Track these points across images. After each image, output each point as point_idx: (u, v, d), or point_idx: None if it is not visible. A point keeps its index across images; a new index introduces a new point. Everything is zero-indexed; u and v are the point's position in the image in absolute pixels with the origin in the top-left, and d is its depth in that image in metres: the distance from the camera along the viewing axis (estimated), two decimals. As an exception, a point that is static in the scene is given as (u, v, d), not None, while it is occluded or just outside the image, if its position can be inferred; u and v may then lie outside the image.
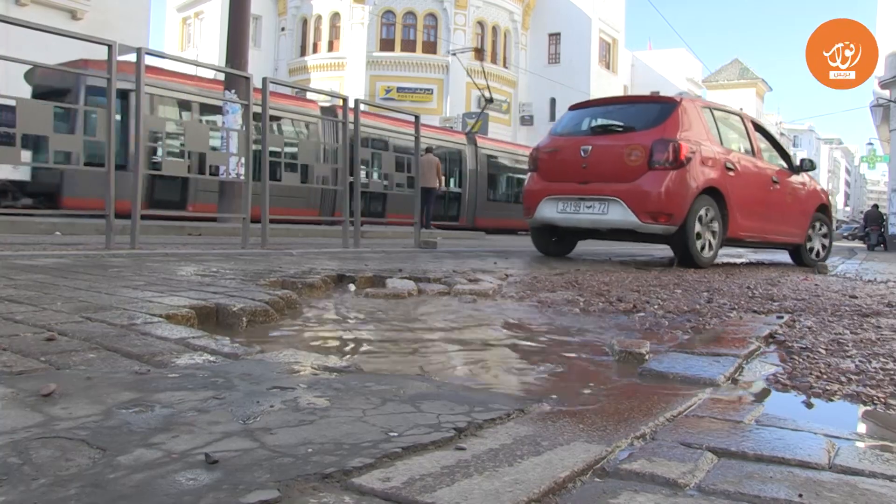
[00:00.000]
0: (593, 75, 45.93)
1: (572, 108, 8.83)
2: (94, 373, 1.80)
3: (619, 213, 7.30)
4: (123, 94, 11.56)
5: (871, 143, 43.59)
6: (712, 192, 7.48)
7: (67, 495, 1.05)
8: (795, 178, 9.16)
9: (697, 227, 7.36)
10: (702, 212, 7.39)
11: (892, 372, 2.24)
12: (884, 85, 28.03)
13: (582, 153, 7.59)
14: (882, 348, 2.67)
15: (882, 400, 1.94)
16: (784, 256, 10.88)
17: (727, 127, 8.39)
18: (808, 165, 9.38)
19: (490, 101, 27.30)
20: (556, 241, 8.68)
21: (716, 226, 7.61)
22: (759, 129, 9.03)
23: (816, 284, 5.74)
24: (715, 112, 8.25)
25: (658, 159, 7.11)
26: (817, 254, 9.81)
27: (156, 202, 14.70)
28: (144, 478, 1.13)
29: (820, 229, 9.79)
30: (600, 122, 8.27)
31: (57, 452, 1.22)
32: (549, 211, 7.93)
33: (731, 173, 7.71)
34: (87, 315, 2.58)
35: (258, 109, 7.73)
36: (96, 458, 1.21)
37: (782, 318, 3.53)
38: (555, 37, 47.10)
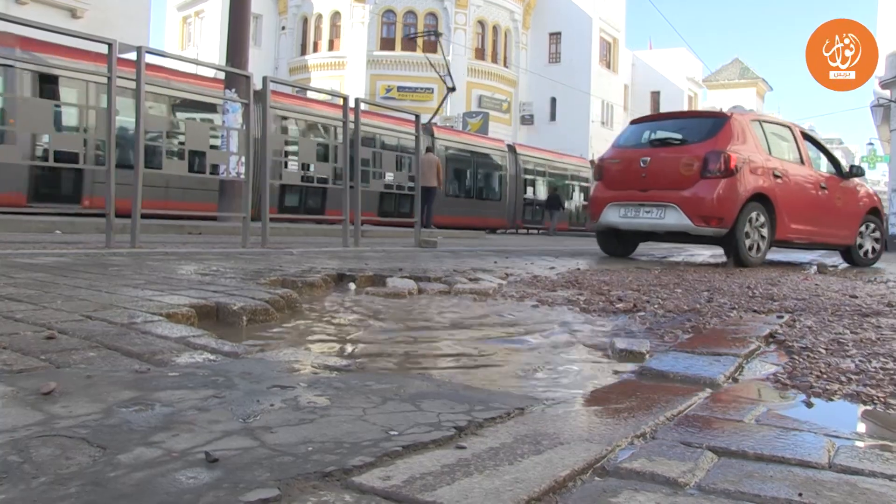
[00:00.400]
0: (594, 75, 45.94)
1: (633, 122, 9.68)
2: (94, 371, 1.81)
3: (674, 218, 8.06)
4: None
5: (871, 144, 43.54)
6: (761, 198, 8.12)
7: (68, 493, 1.05)
8: (845, 184, 9.71)
9: (747, 229, 8.02)
10: (751, 216, 8.05)
11: (892, 371, 2.24)
12: (884, 85, 28.02)
13: (641, 164, 8.37)
14: (882, 348, 2.67)
15: (882, 399, 1.94)
16: (784, 256, 10.89)
17: (777, 138, 9.02)
18: (857, 171, 9.99)
19: (452, 89, 26.64)
20: (619, 243, 9.40)
21: (765, 229, 8.26)
22: (808, 138, 9.65)
23: (817, 284, 5.74)
24: (765, 124, 8.91)
25: (710, 169, 7.84)
26: (866, 254, 10.19)
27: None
28: (145, 476, 1.13)
29: (872, 231, 10.22)
30: (658, 135, 9.01)
31: (57, 451, 1.22)
32: (613, 216, 8.72)
33: (779, 180, 8.36)
34: (87, 313, 2.58)
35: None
36: (96, 456, 1.21)
37: (782, 317, 3.52)
38: (555, 36, 47.09)
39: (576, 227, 32.27)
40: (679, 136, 8.69)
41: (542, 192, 30.76)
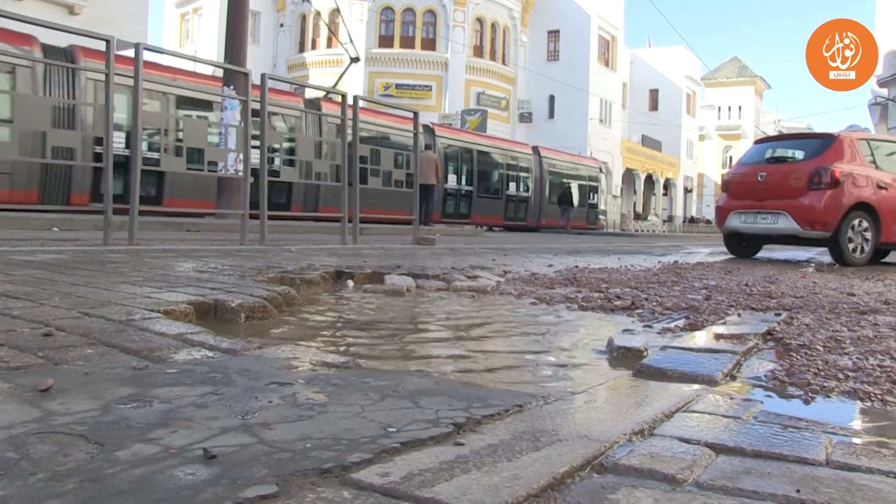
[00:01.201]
0: (592, 73, 45.92)
1: (756, 142, 11.42)
2: (91, 368, 1.80)
3: (785, 223, 9.49)
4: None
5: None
6: (866, 206, 9.28)
7: (65, 490, 1.05)
8: None
9: (850, 234, 9.22)
10: (854, 222, 9.24)
11: (888, 369, 2.24)
12: (882, 83, 28.04)
13: (759, 178, 9.90)
14: (879, 345, 2.67)
15: (879, 396, 1.94)
16: (782, 254, 10.90)
17: (885, 153, 10.19)
18: None
19: (355, 59, 24.86)
20: (744, 245, 10.81)
21: (868, 234, 9.38)
22: None
23: (814, 282, 5.75)
24: (872, 142, 10.18)
25: (816, 181, 9.17)
26: None
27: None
28: (143, 473, 1.13)
29: None
30: (776, 153, 10.53)
31: (55, 447, 1.22)
32: (735, 222, 10.27)
33: (884, 191, 9.46)
34: (85, 310, 2.58)
35: (256, 105, 7.71)
36: (94, 453, 1.21)
37: (780, 315, 3.53)
38: (554, 34, 47.05)
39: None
40: (791, 154, 10.25)
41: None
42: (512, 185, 29.01)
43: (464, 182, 26.54)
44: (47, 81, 13.62)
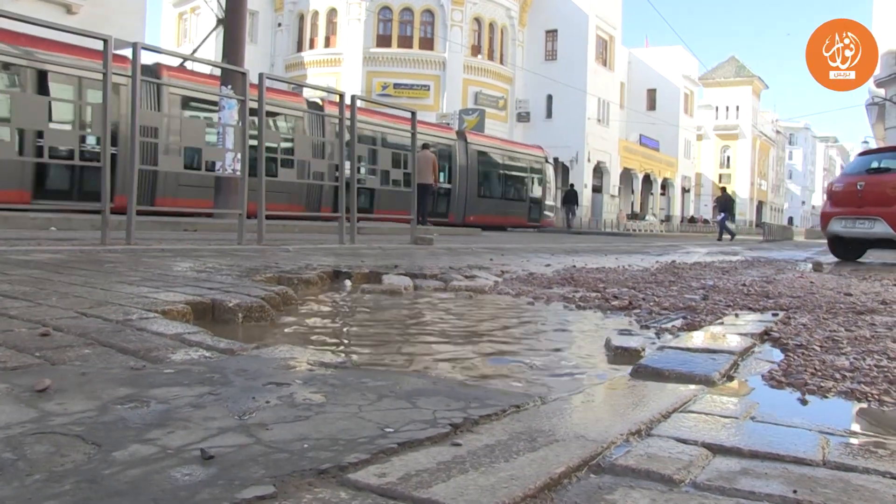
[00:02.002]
0: (590, 72, 45.90)
1: (860, 154, 12.76)
2: (89, 368, 1.80)
3: (880, 228, 10.54)
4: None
5: (866, 142, 43.58)
6: None
7: (62, 491, 1.05)
8: None
9: None
10: None
11: (886, 369, 2.24)
12: (879, 83, 28.05)
13: (858, 187, 10.96)
14: (876, 346, 2.67)
15: (876, 397, 1.95)
16: (780, 254, 10.92)
17: None
18: None
19: (221, 21, 21.77)
20: (848, 249, 11.75)
21: None
22: None
23: (812, 282, 5.75)
24: None
25: None
26: None
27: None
28: (140, 473, 1.13)
29: None
30: (873, 165, 11.50)
31: (52, 448, 1.22)
32: (836, 227, 11.33)
33: None
34: (82, 310, 2.58)
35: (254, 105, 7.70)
36: (91, 453, 1.21)
37: (777, 315, 3.53)
38: (552, 34, 47.02)
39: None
40: (888, 166, 11.23)
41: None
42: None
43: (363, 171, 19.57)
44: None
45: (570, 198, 30.50)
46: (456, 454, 1.27)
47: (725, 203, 27.73)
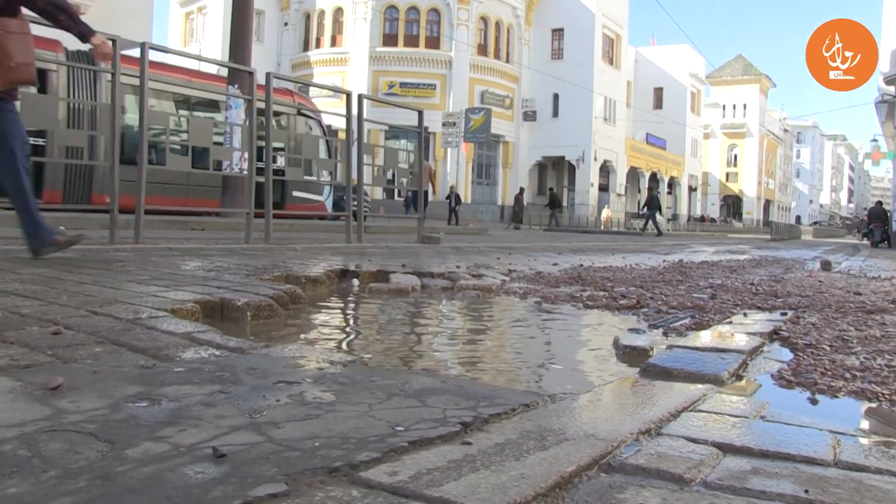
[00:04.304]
0: (596, 71, 45.80)
1: None
2: (100, 366, 1.81)
3: None
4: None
5: (875, 140, 43.46)
6: None
7: (77, 487, 1.06)
8: None
9: None
10: None
11: (896, 368, 2.24)
12: (889, 81, 27.89)
13: None
14: (887, 345, 2.67)
15: (887, 397, 1.94)
16: (788, 253, 10.88)
17: None
18: None
19: None
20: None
21: None
22: None
23: (820, 281, 5.74)
24: None
25: None
26: None
27: None
28: (153, 471, 1.13)
29: None
30: None
31: (66, 445, 1.23)
32: None
33: None
34: (92, 309, 2.59)
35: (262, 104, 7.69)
36: (104, 450, 1.21)
37: (786, 314, 3.52)
38: (558, 32, 46.94)
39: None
40: None
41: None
42: None
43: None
44: None
45: (555, 201, 32.82)
46: (467, 453, 1.28)
47: (652, 201, 30.96)
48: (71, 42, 6.71)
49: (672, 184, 60.09)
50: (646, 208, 31.91)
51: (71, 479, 1.08)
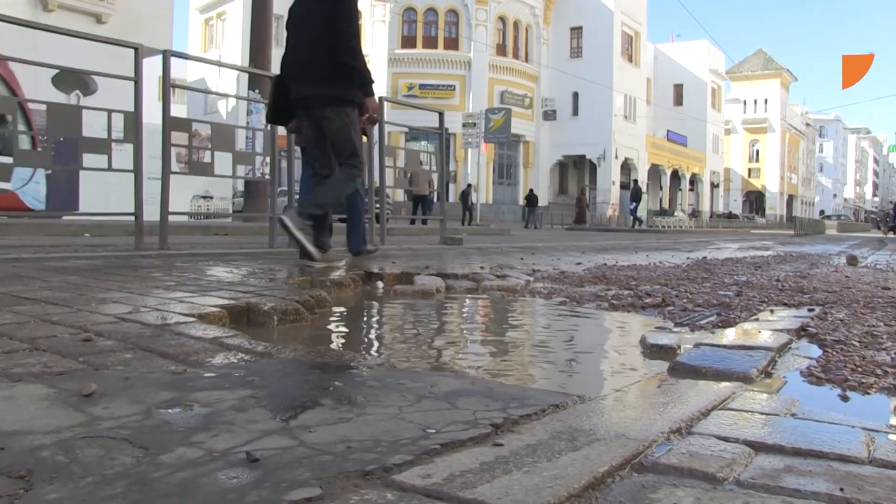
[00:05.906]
0: (616, 69, 45.67)
1: None
2: (131, 373, 1.83)
3: None
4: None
5: (899, 132, 42.87)
6: None
7: (115, 493, 1.07)
8: None
9: None
10: None
11: (929, 364, 2.21)
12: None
13: None
14: (918, 340, 2.63)
15: (920, 392, 1.92)
16: (812, 248, 10.78)
17: None
18: None
19: None
20: None
21: None
22: None
23: (847, 276, 5.67)
24: None
25: None
26: None
27: None
28: (188, 476, 1.14)
29: None
30: None
31: (101, 451, 1.24)
32: None
33: None
34: (121, 315, 2.62)
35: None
36: (139, 456, 1.23)
37: (813, 310, 3.49)
38: (576, 31, 46.87)
39: None
40: None
41: None
42: None
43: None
44: None
45: (532, 200, 33.54)
46: (498, 454, 1.28)
47: (635, 194, 31.90)
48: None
49: (694, 180, 59.76)
50: (632, 203, 33.20)
51: (108, 485, 1.10)
